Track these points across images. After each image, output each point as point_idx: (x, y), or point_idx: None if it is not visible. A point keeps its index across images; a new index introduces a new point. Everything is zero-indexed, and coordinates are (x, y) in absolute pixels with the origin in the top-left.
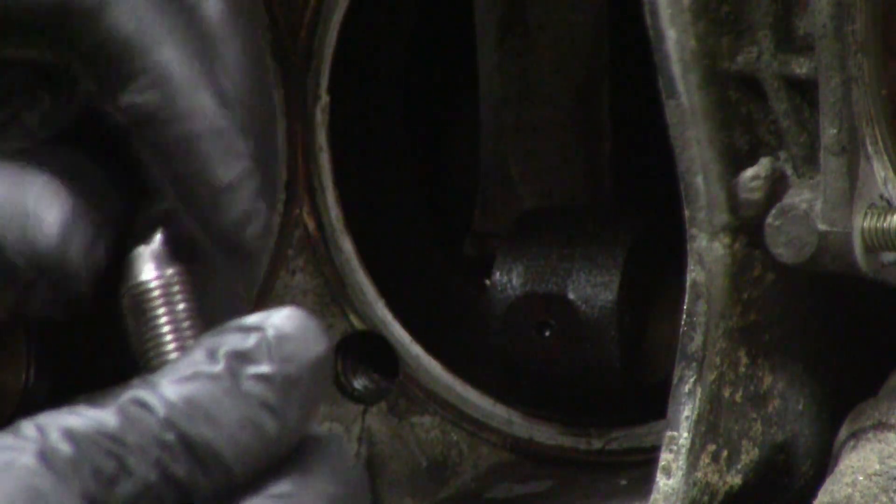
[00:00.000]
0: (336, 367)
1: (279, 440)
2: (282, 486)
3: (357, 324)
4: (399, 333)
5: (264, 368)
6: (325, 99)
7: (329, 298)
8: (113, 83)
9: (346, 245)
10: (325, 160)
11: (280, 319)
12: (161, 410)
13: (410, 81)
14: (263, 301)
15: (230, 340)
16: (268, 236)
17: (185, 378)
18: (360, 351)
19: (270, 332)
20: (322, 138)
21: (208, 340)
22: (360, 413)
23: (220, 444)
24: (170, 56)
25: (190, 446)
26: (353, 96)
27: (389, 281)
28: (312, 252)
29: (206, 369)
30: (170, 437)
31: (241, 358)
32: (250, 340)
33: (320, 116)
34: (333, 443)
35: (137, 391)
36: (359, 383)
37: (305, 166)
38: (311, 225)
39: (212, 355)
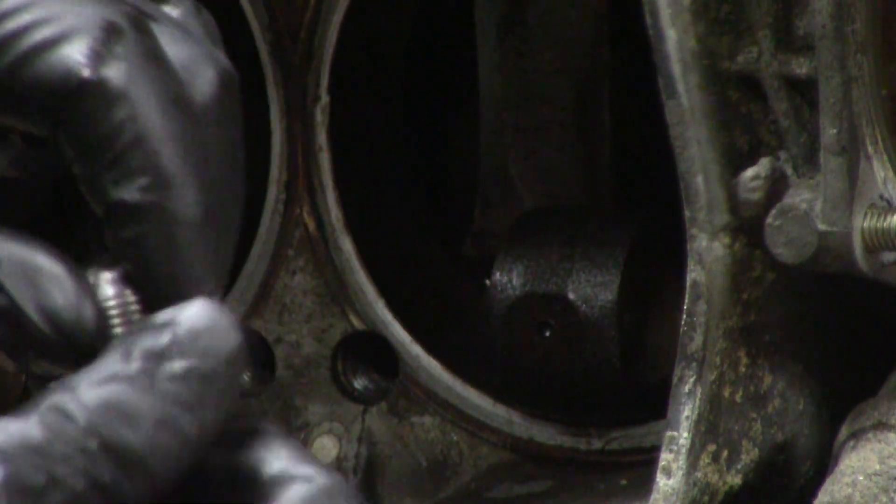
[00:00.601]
0: (336, 367)
1: (197, 437)
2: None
3: (357, 324)
4: (399, 333)
5: (178, 365)
6: (325, 99)
7: (329, 298)
8: (109, 177)
9: (346, 245)
10: (325, 160)
11: (192, 314)
12: (81, 417)
13: (410, 81)
14: (264, 301)
15: (143, 339)
16: None
17: (103, 380)
18: (360, 351)
19: (183, 328)
20: (322, 138)
21: (123, 341)
22: (360, 413)
23: (140, 446)
24: (171, 160)
25: (112, 451)
26: (353, 96)
27: (389, 281)
28: (312, 252)
29: (121, 370)
30: (92, 444)
31: (155, 356)
32: (163, 338)
33: (320, 116)
34: (262, 435)
35: (57, 397)
36: (359, 383)
37: (305, 166)
38: (311, 225)
39: (127, 356)
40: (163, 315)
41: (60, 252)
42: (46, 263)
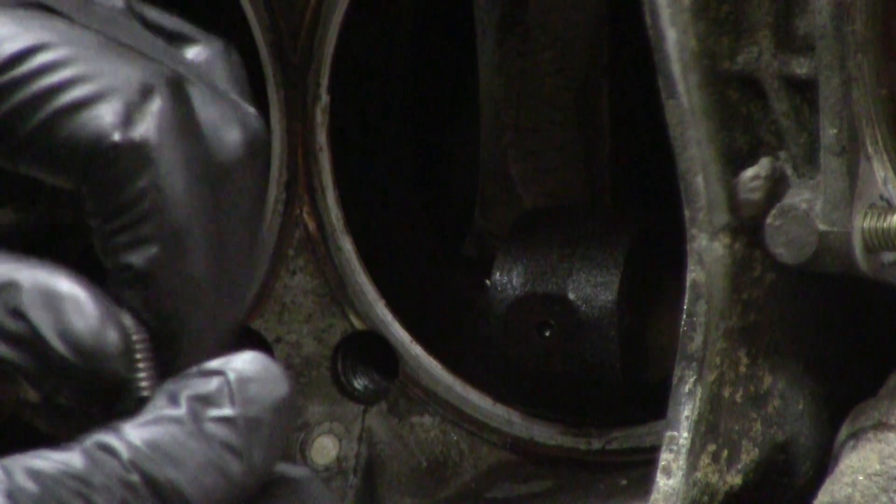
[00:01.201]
0: (336, 367)
1: (244, 482)
2: None
3: (357, 324)
4: (399, 333)
5: (227, 411)
6: (325, 99)
7: (329, 298)
8: (122, 239)
9: (346, 245)
10: (325, 160)
11: (241, 363)
12: (125, 453)
13: (410, 81)
14: (264, 301)
15: (192, 384)
16: None
17: (148, 422)
18: (360, 351)
19: (232, 376)
20: (322, 138)
21: (170, 386)
22: (360, 413)
23: (185, 485)
24: (185, 229)
25: (155, 487)
26: (353, 96)
27: (389, 281)
28: (312, 252)
29: (168, 413)
30: (134, 478)
31: (202, 401)
32: (212, 384)
33: (320, 116)
34: (306, 484)
35: (101, 436)
36: (359, 383)
37: (305, 166)
38: (311, 225)
39: (174, 399)
40: (212, 363)
41: (84, 277)
42: (68, 288)
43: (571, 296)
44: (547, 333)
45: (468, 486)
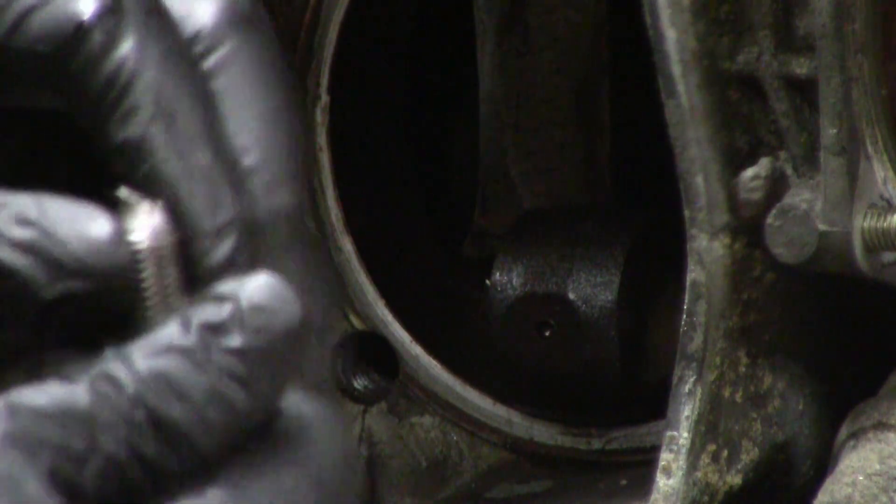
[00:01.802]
0: (336, 367)
1: (248, 414)
2: (251, 481)
3: (357, 324)
4: (399, 333)
5: (237, 340)
6: (325, 99)
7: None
8: (115, 119)
9: (346, 245)
10: (325, 160)
11: (255, 288)
12: (131, 386)
13: (410, 81)
14: None
15: (205, 311)
16: None
17: (158, 351)
18: (360, 351)
19: (244, 303)
20: (322, 138)
21: (184, 311)
22: (360, 413)
23: (189, 422)
24: (171, 91)
25: (159, 425)
26: (353, 96)
27: (389, 281)
28: None
29: (179, 342)
30: (139, 415)
31: (214, 330)
32: (224, 311)
33: (320, 116)
34: (318, 424)
35: (110, 365)
36: (359, 383)
37: (305, 166)
38: (311, 225)
39: (186, 327)
40: (225, 287)
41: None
42: (77, 203)
43: (571, 296)
44: (547, 333)
45: (468, 486)
